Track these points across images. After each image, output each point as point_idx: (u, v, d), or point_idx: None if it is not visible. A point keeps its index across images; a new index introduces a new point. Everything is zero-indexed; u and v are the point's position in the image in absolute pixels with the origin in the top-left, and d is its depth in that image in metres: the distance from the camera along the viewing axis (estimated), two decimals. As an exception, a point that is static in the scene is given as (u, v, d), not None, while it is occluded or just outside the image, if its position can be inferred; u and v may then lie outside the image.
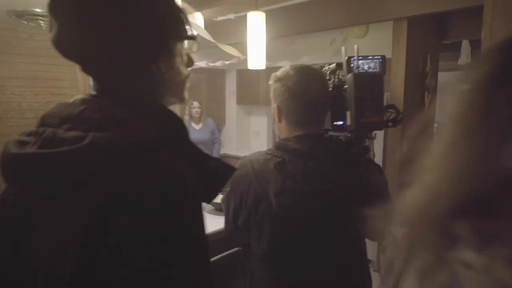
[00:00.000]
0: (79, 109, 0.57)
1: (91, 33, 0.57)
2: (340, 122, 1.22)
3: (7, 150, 0.55)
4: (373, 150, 2.39)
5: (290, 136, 1.09)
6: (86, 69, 0.62)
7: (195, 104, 4.48)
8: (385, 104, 1.21)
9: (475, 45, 3.76)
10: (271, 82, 1.13)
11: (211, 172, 0.62)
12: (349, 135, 1.19)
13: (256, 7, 2.03)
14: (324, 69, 1.32)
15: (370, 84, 1.13)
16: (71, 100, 0.63)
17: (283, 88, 1.08)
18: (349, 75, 1.13)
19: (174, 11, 0.64)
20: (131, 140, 0.52)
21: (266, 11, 2.32)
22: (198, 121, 4.55)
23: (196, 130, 4.44)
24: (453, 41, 3.54)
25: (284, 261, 1.07)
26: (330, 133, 1.26)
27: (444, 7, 2.56)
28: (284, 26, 3.37)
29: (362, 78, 1.14)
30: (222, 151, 5.13)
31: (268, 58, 4.42)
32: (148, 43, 0.60)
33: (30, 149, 0.54)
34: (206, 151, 0.64)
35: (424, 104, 3.35)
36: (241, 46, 2.61)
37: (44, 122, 0.60)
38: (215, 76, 5.51)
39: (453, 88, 0.46)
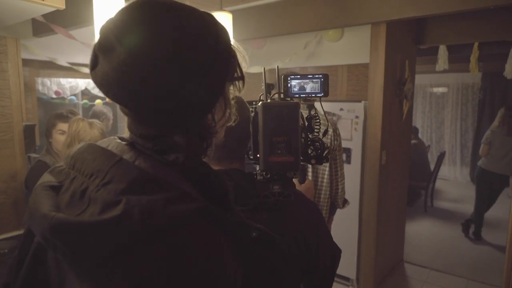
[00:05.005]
0: (113, 160, 0.53)
1: (156, 72, 0.50)
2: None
3: (39, 202, 0.53)
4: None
5: None
6: (137, 111, 0.55)
7: None
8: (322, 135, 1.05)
9: (453, 50, 3.65)
10: None
11: (253, 245, 0.58)
12: (263, 172, 0.97)
13: (220, 7, 1.74)
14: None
15: (282, 117, 0.88)
16: (104, 142, 0.60)
17: None
18: (259, 105, 0.89)
19: (231, 49, 0.59)
20: (168, 212, 0.47)
21: (234, 11, 2.07)
22: None
23: None
24: (430, 46, 3.42)
25: None
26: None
27: (424, 11, 2.38)
28: (255, 27, 3.11)
29: (271, 109, 0.89)
30: None
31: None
32: (210, 88, 0.55)
33: (59, 214, 0.50)
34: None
35: (402, 112, 3.19)
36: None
37: (75, 165, 0.57)
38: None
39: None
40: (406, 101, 3.16)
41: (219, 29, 0.57)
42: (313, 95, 1.09)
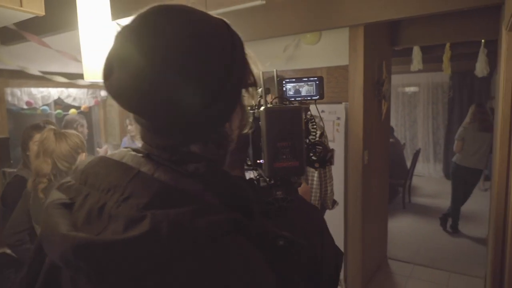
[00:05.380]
0: (131, 174, 0.52)
1: (175, 80, 0.49)
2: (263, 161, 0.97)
3: (55, 222, 0.50)
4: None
5: None
6: (155, 121, 0.54)
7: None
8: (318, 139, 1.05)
9: (425, 51, 3.78)
10: None
11: (280, 253, 0.55)
12: (266, 179, 0.94)
13: (205, 11, 1.72)
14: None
15: (285, 121, 0.86)
16: (118, 155, 0.57)
17: None
18: (261, 110, 0.86)
19: (246, 56, 0.59)
20: (196, 225, 0.45)
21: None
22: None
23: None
24: (405, 47, 3.53)
25: None
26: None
27: (401, 14, 2.45)
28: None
29: (275, 114, 0.86)
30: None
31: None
32: (228, 96, 0.54)
33: (80, 234, 0.47)
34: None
35: (381, 112, 3.27)
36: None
37: (87, 180, 0.55)
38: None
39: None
40: (385, 101, 3.24)
41: (234, 36, 0.56)
42: (308, 98, 1.09)
